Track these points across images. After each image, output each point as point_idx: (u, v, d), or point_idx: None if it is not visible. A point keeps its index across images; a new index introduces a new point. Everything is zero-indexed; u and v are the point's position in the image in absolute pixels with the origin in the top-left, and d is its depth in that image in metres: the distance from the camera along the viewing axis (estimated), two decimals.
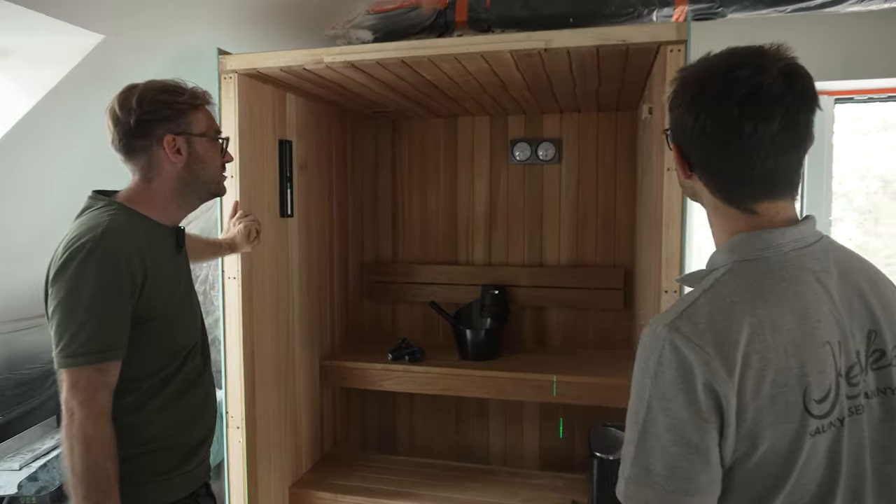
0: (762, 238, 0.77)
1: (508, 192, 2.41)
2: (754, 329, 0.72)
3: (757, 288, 0.75)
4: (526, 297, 2.38)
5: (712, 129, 0.76)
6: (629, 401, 0.78)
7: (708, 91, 0.77)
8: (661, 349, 0.73)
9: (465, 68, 1.64)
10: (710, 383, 0.70)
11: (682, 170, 0.83)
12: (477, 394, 2.06)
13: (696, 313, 0.74)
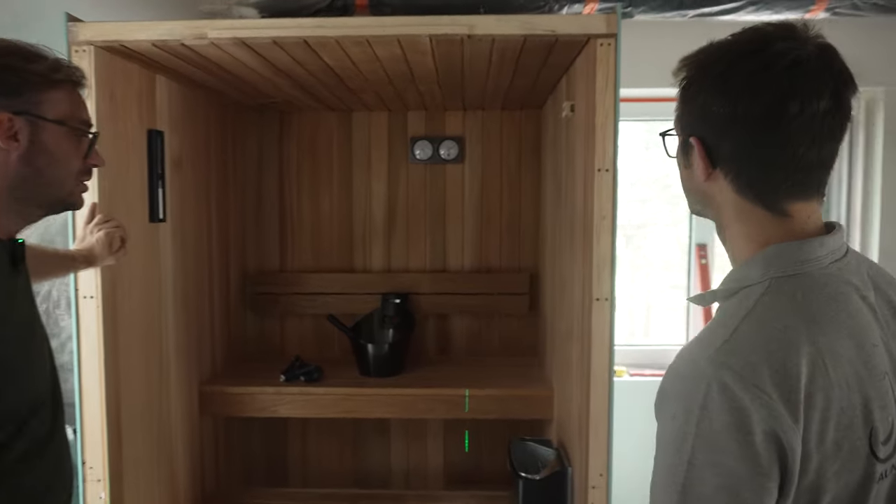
0: (802, 249, 0.67)
1: (409, 194, 2.26)
2: (814, 361, 0.61)
3: (808, 310, 0.64)
4: (429, 305, 2.23)
5: (751, 109, 0.65)
6: (656, 452, 0.64)
7: (742, 67, 0.66)
8: (707, 390, 0.60)
9: (375, 54, 1.46)
10: (772, 431, 0.58)
11: (704, 168, 0.71)
12: (384, 414, 1.88)
13: (744, 343, 0.62)
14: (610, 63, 1.33)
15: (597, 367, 1.38)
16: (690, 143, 0.72)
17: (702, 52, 0.71)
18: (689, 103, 0.72)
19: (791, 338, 0.62)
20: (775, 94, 0.64)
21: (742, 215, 0.71)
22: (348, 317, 2.13)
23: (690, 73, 0.71)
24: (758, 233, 0.70)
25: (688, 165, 0.75)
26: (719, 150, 0.69)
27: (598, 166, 1.35)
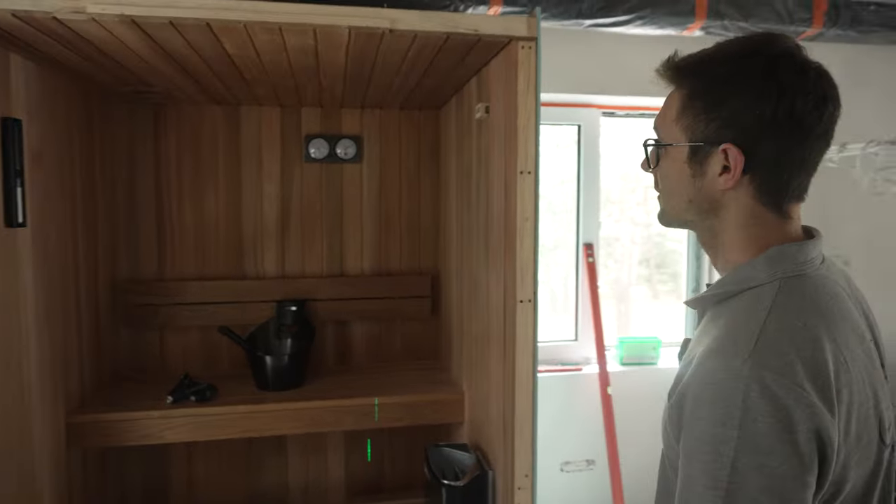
0: (802, 251, 0.70)
1: (304, 194, 2.13)
2: (836, 357, 0.63)
3: (819, 308, 0.66)
4: (327, 312, 2.13)
5: (797, 111, 0.66)
6: (689, 461, 0.62)
7: (785, 70, 0.66)
8: (746, 391, 0.59)
9: (285, 43, 1.35)
10: (815, 428, 0.59)
11: (734, 175, 0.70)
12: (289, 430, 1.75)
13: (774, 341, 0.62)
14: (531, 66, 1.34)
15: (521, 369, 1.38)
16: (709, 150, 0.71)
17: (708, 61, 0.71)
18: (712, 110, 0.70)
19: (814, 335, 0.63)
20: (807, 98, 0.66)
21: (752, 219, 0.72)
22: (240, 327, 1.97)
23: (704, 81, 0.70)
24: (762, 235, 0.71)
25: (700, 174, 0.73)
26: (753, 155, 0.69)
27: (520, 169, 1.35)
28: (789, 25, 2.13)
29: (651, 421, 2.81)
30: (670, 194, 0.78)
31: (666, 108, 0.78)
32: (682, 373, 0.70)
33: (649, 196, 3.17)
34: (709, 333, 0.70)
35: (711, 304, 0.73)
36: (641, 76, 2.61)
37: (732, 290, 0.71)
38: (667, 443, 0.73)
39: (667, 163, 0.77)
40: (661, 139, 0.78)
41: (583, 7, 1.94)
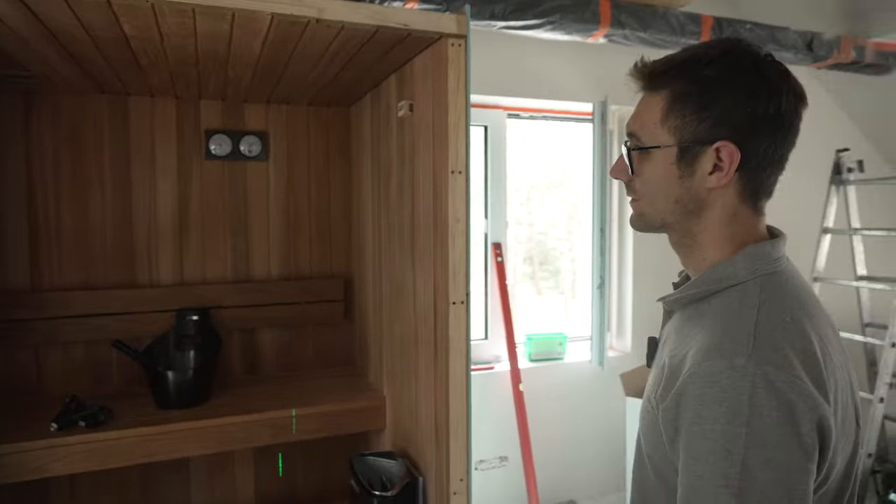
0: (775, 248, 0.72)
1: (204, 194, 1.97)
2: (822, 348, 0.65)
3: (799, 302, 0.68)
4: (232, 320, 1.98)
5: (783, 108, 0.68)
6: (697, 461, 0.61)
7: (769, 69, 0.68)
8: (752, 387, 0.59)
9: (195, 28, 1.23)
10: (816, 418, 0.60)
11: (730, 170, 0.70)
12: (198, 451, 1.60)
13: (769, 336, 0.63)
14: (461, 64, 1.32)
15: (455, 371, 1.36)
16: (700, 149, 0.71)
17: (694, 63, 0.71)
18: (704, 110, 0.71)
19: (802, 328, 0.66)
20: (790, 96, 0.69)
21: (734, 217, 0.73)
22: (134, 340, 1.79)
23: (690, 82, 0.71)
24: (739, 233, 0.73)
25: (689, 174, 0.73)
26: (746, 152, 0.70)
27: (451, 168, 1.33)
28: (681, 37, 2.29)
29: (560, 415, 2.93)
30: (654, 197, 0.77)
31: (645, 112, 0.77)
32: (670, 375, 0.69)
33: (532, 196, 3.28)
34: (693, 332, 0.70)
35: (688, 302, 0.74)
36: (545, 79, 2.70)
37: (713, 289, 0.72)
38: (653, 443, 0.73)
39: (651, 166, 0.76)
40: (644, 143, 0.76)
41: (496, 9, 1.96)
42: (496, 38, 2.37)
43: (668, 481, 0.71)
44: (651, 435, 0.73)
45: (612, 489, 2.96)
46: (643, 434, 0.76)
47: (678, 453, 0.66)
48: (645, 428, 0.75)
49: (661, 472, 0.73)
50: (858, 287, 3.14)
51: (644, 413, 0.76)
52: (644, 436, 0.76)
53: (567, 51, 2.66)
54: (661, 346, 0.80)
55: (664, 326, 0.82)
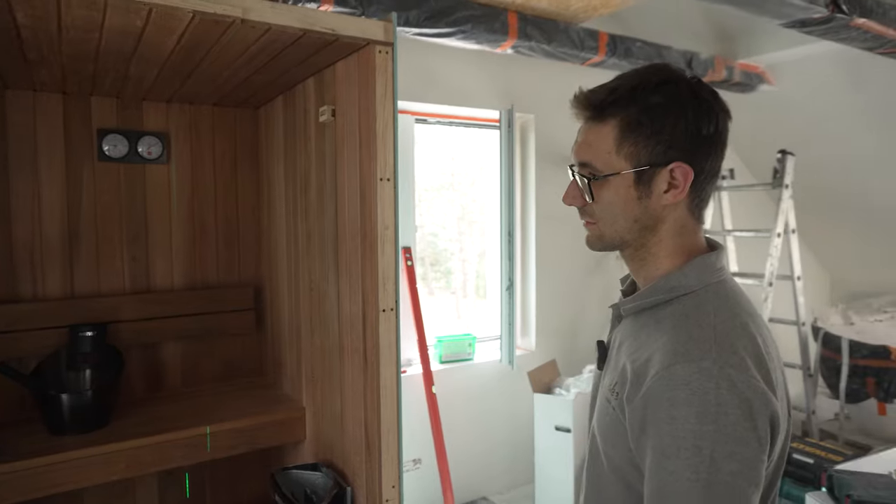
0: (719, 259, 0.78)
1: (97, 199, 1.82)
2: (766, 349, 0.72)
3: (743, 308, 0.74)
4: (133, 334, 1.84)
5: (720, 126, 0.75)
6: (668, 457, 0.66)
7: (704, 92, 0.75)
8: (717, 389, 0.65)
9: (104, 21, 1.14)
10: (769, 412, 0.66)
11: (685, 184, 0.75)
12: (104, 478, 1.47)
13: (727, 341, 0.68)
14: (389, 72, 1.32)
15: (386, 378, 1.36)
16: (655, 171, 0.76)
17: (641, 91, 0.76)
18: (656, 135, 0.76)
19: (750, 332, 0.72)
20: (724, 115, 0.76)
21: (683, 229, 0.79)
22: (17, 361, 1.62)
23: (639, 110, 0.75)
24: (687, 244, 0.79)
25: (647, 195, 0.78)
26: (695, 170, 0.76)
27: (379, 176, 1.33)
28: (581, 51, 2.42)
29: (472, 414, 2.99)
30: (614, 219, 0.81)
31: (596, 140, 0.79)
32: (634, 378, 0.74)
33: (423, 197, 3.34)
34: (653, 338, 0.75)
35: (643, 309, 0.79)
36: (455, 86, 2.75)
37: (666, 297, 0.78)
38: (612, 441, 0.77)
39: (610, 192, 0.80)
40: (601, 171, 0.79)
41: (410, 16, 1.97)
42: (409, 45, 2.38)
43: (625, 476, 0.76)
44: (610, 433, 0.78)
45: (522, 482, 3.07)
46: (601, 433, 0.81)
47: (644, 451, 0.71)
48: (603, 427, 0.80)
49: (618, 469, 0.78)
50: None
51: (602, 413, 0.80)
52: (602, 434, 0.80)
53: (476, 59, 2.73)
54: (614, 349, 0.85)
55: (613, 330, 0.87)
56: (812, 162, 3.50)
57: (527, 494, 2.99)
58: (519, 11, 2.26)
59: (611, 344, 0.87)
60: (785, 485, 2.56)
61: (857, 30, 2.14)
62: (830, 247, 4.25)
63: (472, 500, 2.95)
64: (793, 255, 3.17)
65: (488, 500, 2.97)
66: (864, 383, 3.12)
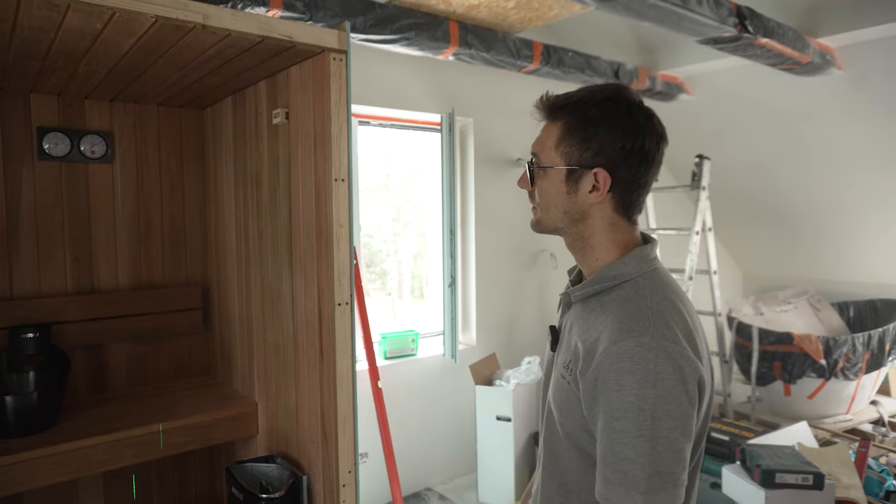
0: (653, 251, 0.91)
1: (37, 198, 1.79)
2: (692, 323, 0.85)
3: (674, 291, 0.87)
4: (75, 336, 1.82)
5: (641, 146, 0.86)
6: (617, 419, 0.78)
7: (639, 114, 0.86)
8: (656, 359, 0.77)
9: (63, 22, 1.15)
10: (698, 376, 0.79)
11: (602, 193, 0.87)
12: (50, 480, 1.47)
13: (662, 319, 0.81)
14: (343, 78, 1.39)
15: (342, 369, 1.42)
16: (582, 172, 0.88)
17: (584, 103, 0.88)
18: (587, 142, 0.88)
19: (680, 311, 0.85)
20: (653, 136, 0.88)
21: (613, 227, 0.91)
22: None
23: (579, 118, 0.87)
24: (620, 239, 0.91)
25: (574, 191, 0.90)
26: (616, 178, 0.88)
27: (335, 176, 1.39)
28: (517, 60, 2.56)
29: (416, 407, 3.07)
30: (548, 207, 0.94)
31: (545, 137, 0.94)
32: (586, 354, 0.85)
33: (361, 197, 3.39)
34: (599, 320, 0.87)
35: (590, 295, 0.91)
36: (396, 90, 2.83)
37: (610, 284, 0.90)
38: (566, 412, 0.89)
39: (546, 182, 0.93)
40: (542, 162, 0.93)
41: (356, 23, 2.04)
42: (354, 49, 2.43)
43: (579, 442, 0.89)
44: (565, 405, 0.90)
45: (465, 471, 3.18)
46: (556, 406, 0.93)
47: (596, 417, 0.83)
48: (559, 400, 0.92)
49: (571, 436, 0.90)
50: None
51: (557, 387, 0.92)
52: (557, 407, 0.92)
53: (418, 65, 2.82)
54: (564, 332, 0.96)
55: (564, 315, 0.99)
56: (726, 166, 3.80)
57: (470, 483, 3.10)
58: (460, 21, 2.36)
59: (562, 328, 0.98)
60: (705, 461, 2.78)
61: (761, 48, 2.38)
62: (742, 244, 4.61)
63: (417, 491, 3.04)
64: (710, 251, 3.44)
65: (433, 491, 3.06)
66: (771, 367, 3.43)
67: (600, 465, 0.81)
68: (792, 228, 4.12)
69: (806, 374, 3.35)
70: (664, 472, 0.77)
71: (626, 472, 0.78)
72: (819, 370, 3.32)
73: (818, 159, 3.53)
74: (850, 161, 3.42)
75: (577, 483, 0.89)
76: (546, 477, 0.96)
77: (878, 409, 3.62)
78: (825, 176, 3.61)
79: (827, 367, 3.30)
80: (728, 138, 3.75)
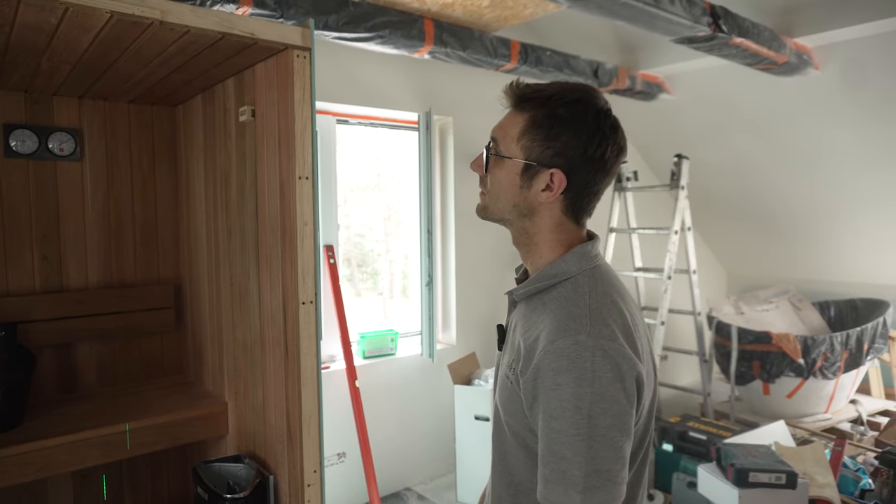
0: (594, 248, 0.90)
1: (4, 197, 1.78)
2: (632, 320, 0.84)
3: (615, 288, 0.87)
4: (43, 335, 1.81)
5: (607, 155, 0.85)
6: (555, 418, 0.77)
7: (605, 123, 0.85)
8: (592, 357, 0.76)
9: (15, 18, 1.15)
10: (636, 374, 0.79)
11: (555, 193, 0.87)
12: (18, 479, 1.45)
13: (600, 316, 0.80)
14: (306, 75, 1.38)
15: (306, 368, 1.42)
16: (539, 170, 0.87)
17: (554, 101, 0.86)
18: (549, 140, 0.86)
19: (619, 308, 0.85)
20: (615, 148, 0.87)
21: (558, 227, 0.91)
22: None
23: (546, 115, 0.86)
24: (565, 239, 0.91)
25: (527, 186, 0.89)
26: (571, 181, 0.88)
27: (298, 174, 1.39)
28: (494, 58, 2.56)
29: (395, 407, 3.06)
30: (498, 197, 0.93)
31: (508, 125, 0.91)
32: (526, 353, 0.85)
33: (349, 198, 3.40)
34: (540, 319, 0.86)
35: (532, 294, 0.90)
36: (375, 89, 2.83)
37: (551, 283, 0.89)
38: (511, 411, 0.88)
39: (501, 171, 0.91)
40: (501, 151, 0.91)
41: (329, 20, 2.03)
42: (330, 48, 2.43)
43: (525, 440, 0.88)
44: (509, 404, 0.89)
45: (444, 472, 3.18)
46: (501, 405, 0.92)
47: (536, 416, 0.82)
48: (504, 399, 0.91)
49: (518, 435, 0.89)
50: (636, 276, 3.74)
51: (502, 388, 0.92)
52: (502, 406, 0.92)
53: (395, 63, 2.81)
54: (510, 331, 0.96)
55: (510, 314, 0.98)
56: (708, 165, 3.82)
57: (449, 483, 3.10)
58: (435, 19, 2.36)
59: (508, 326, 0.98)
60: (682, 460, 2.79)
61: (736, 48, 2.39)
62: (726, 244, 4.63)
63: (395, 491, 3.03)
64: (689, 250, 3.45)
65: (412, 490, 3.05)
66: (750, 366, 3.44)
67: (540, 464, 0.81)
68: (775, 228, 4.14)
69: (784, 373, 3.37)
70: (602, 471, 0.76)
71: (564, 471, 0.77)
72: (797, 369, 3.33)
73: (800, 159, 3.55)
74: (831, 161, 3.45)
75: (526, 482, 0.89)
76: (496, 477, 0.95)
77: (858, 407, 3.64)
78: (808, 176, 3.63)
79: (805, 366, 3.32)
80: (710, 138, 3.77)
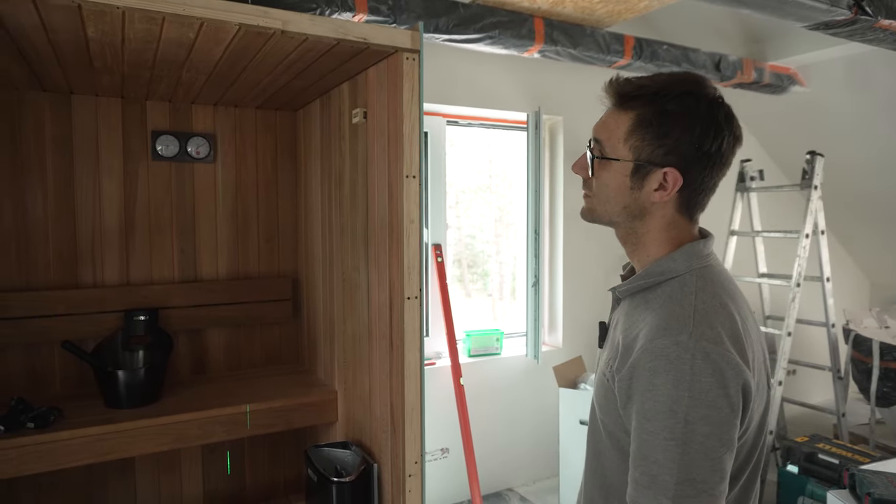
0: (706, 246, 0.86)
1: (151, 195, 1.98)
2: (743, 325, 0.80)
3: (725, 290, 0.82)
4: (180, 320, 2.00)
5: (723, 148, 0.82)
6: (649, 420, 0.75)
7: (719, 113, 0.82)
8: (692, 360, 0.73)
9: (161, 34, 1.27)
10: (742, 381, 0.74)
11: (672, 191, 0.84)
12: (154, 448, 1.62)
13: (705, 318, 0.76)
14: (415, 77, 1.42)
15: (410, 362, 1.46)
16: (651, 169, 0.84)
17: (662, 95, 0.83)
18: (661, 138, 0.83)
19: (729, 311, 0.80)
20: (731, 138, 0.84)
21: (671, 224, 0.87)
22: (78, 342, 1.78)
23: (655, 112, 0.83)
24: (677, 236, 0.87)
25: (638, 187, 0.86)
26: (687, 179, 0.84)
27: (405, 173, 1.43)
28: (607, 55, 2.49)
29: (498, 407, 3.07)
30: (606, 200, 0.90)
31: (612, 125, 0.87)
32: (624, 351, 0.82)
33: (460, 199, 3.42)
34: (642, 317, 0.84)
35: (636, 291, 0.88)
36: (484, 89, 2.85)
37: (657, 280, 0.86)
38: (606, 410, 0.86)
39: (608, 173, 0.88)
40: (607, 153, 0.87)
41: (440, 23, 2.08)
42: (439, 50, 2.49)
43: (619, 442, 0.85)
44: (605, 403, 0.86)
45: (547, 475, 3.14)
46: (598, 403, 0.90)
47: (630, 416, 0.79)
48: (600, 398, 0.89)
49: (613, 435, 0.86)
50: (760, 283, 3.48)
51: (599, 385, 0.89)
52: (599, 404, 0.89)
53: (504, 63, 2.82)
54: (612, 328, 0.93)
55: (613, 312, 0.96)
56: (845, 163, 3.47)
57: (552, 487, 3.05)
58: (545, 17, 2.34)
59: (610, 324, 0.95)
60: (809, 483, 2.56)
61: (883, 31, 2.15)
62: (869, 250, 4.18)
63: (497, 490, 3.04)
64: (822, 256, 3.15)
65: (514, 492, 3.04)
66: (895, 387, 3.09)
67: (631, 466, 0.78)
68: None
69: None
70: (697, 481, 0.72)
71: (654, 475, 0.74)
72: None
73: None
74: None
75: (619, 485, 0.85)
76: (589, 477, 0.93)
77: None
78: None
79: None
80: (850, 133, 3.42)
